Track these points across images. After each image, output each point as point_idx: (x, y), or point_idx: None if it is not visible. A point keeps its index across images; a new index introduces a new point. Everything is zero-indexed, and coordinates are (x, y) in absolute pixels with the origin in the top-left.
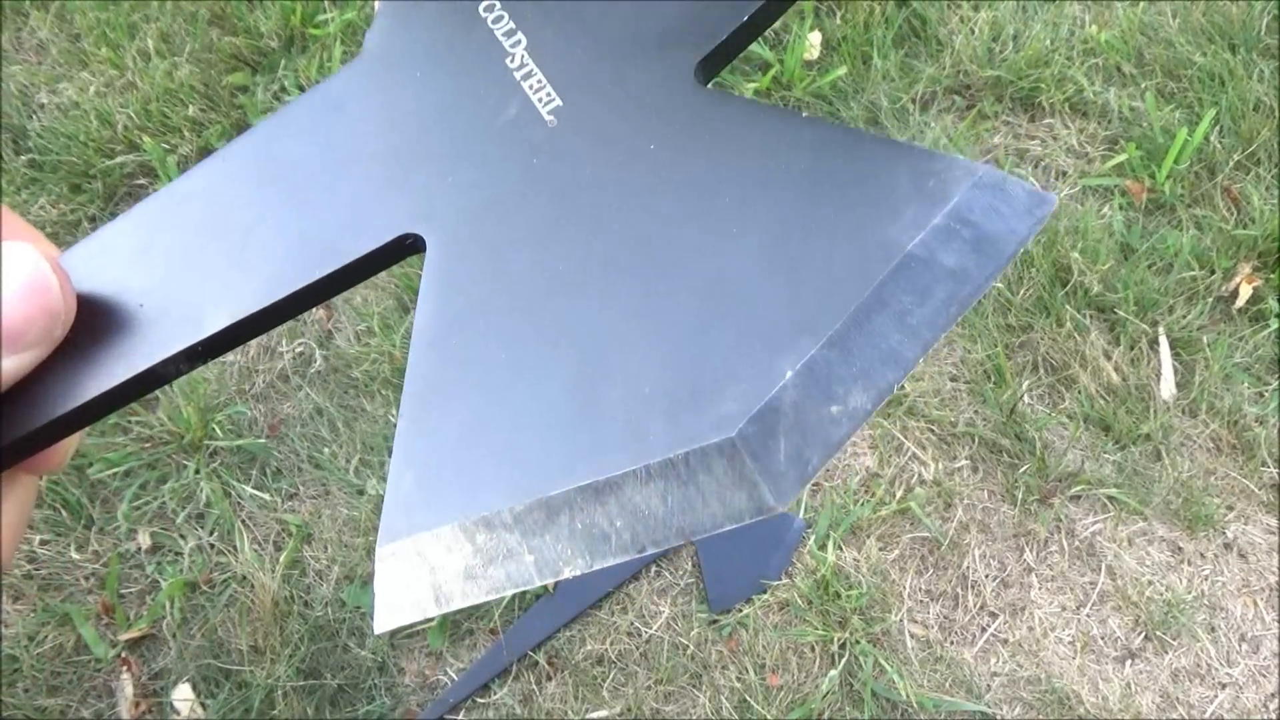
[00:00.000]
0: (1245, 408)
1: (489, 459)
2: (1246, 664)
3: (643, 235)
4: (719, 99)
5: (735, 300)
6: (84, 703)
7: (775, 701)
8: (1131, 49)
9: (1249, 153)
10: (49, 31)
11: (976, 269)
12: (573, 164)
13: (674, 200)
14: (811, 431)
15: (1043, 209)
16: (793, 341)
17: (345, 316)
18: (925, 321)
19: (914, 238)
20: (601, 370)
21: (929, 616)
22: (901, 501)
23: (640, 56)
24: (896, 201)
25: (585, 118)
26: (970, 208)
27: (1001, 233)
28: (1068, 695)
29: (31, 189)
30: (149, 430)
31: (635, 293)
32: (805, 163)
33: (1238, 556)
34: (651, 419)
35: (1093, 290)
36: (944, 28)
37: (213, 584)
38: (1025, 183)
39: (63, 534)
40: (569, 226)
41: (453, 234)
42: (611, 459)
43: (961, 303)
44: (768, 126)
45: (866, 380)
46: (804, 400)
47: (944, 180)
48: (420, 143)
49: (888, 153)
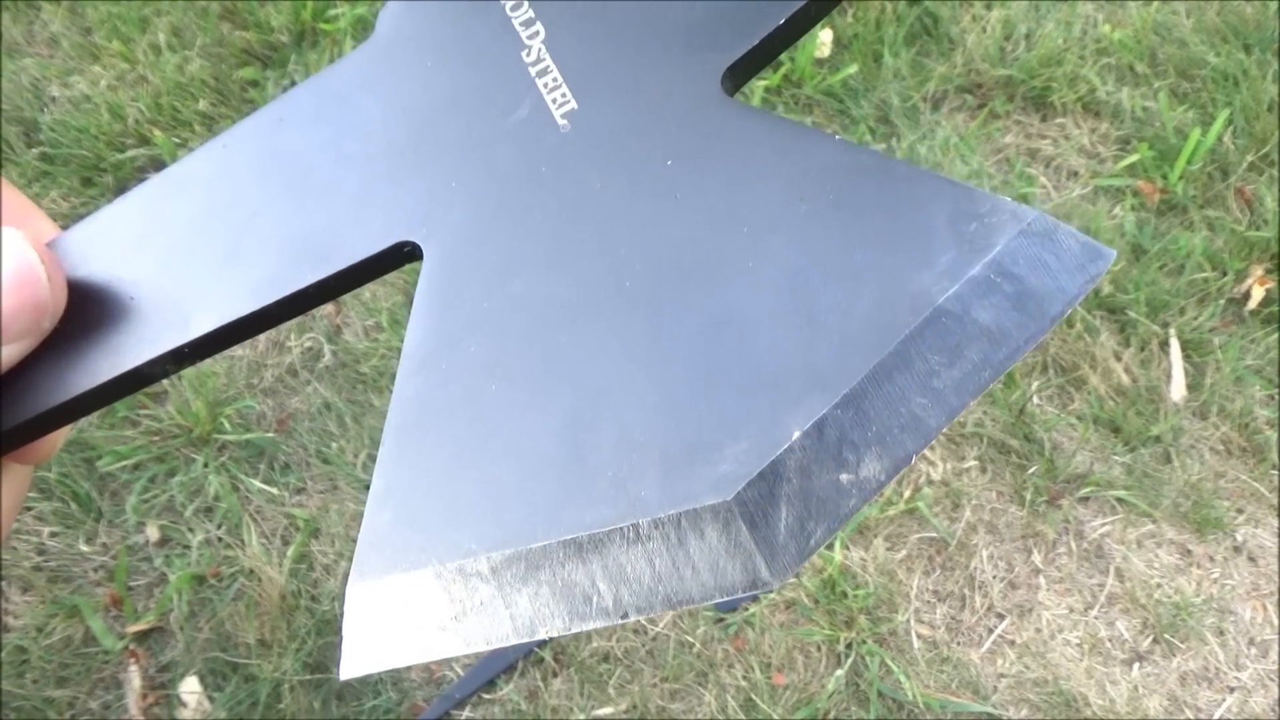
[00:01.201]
0: (1256, 410)
1: (470, 500)
2: (1255, 668)
3: (652, 260)
4: (745, 113)
5: (744, 343)
6: (92, 694)
7: (781, 701)
8: (1145, 49)
9: (1262, 153)
10: (61, 25)
11: (1016, 330)
12: (583, 176)
13: (688, 226)
14: (817, 501)
15: (1097, 265)
16: (803, 396)
17: (354, 312)
18: (953, 386)
19: (947, 290)
20: (596, 412)
21: (936, 617)
22: (909, 501)
23: (665, 57)
24: (931, 246)
25: (600, 124)
26: (1014, 259)
27: (1048, 290)
28: (1075, 697)
29: (43, 182)
30: (158, 424)
31: (639, 327)
32: (834, 193)
33: (1247, 560)
34: (644, 472)
35: (1103, 291)
36: (956, 26)
37: (220, 577)
38: (1079, 234)
39: (72, 526)
40: (574, 247)
41: (452, 245)
42: (598, 513)
43: (995, 367)
44: (796, 148)
45: (882, 447)
46: (811, 465)
47: (987, 225)
48: (426, 140)
49: (926, 188)
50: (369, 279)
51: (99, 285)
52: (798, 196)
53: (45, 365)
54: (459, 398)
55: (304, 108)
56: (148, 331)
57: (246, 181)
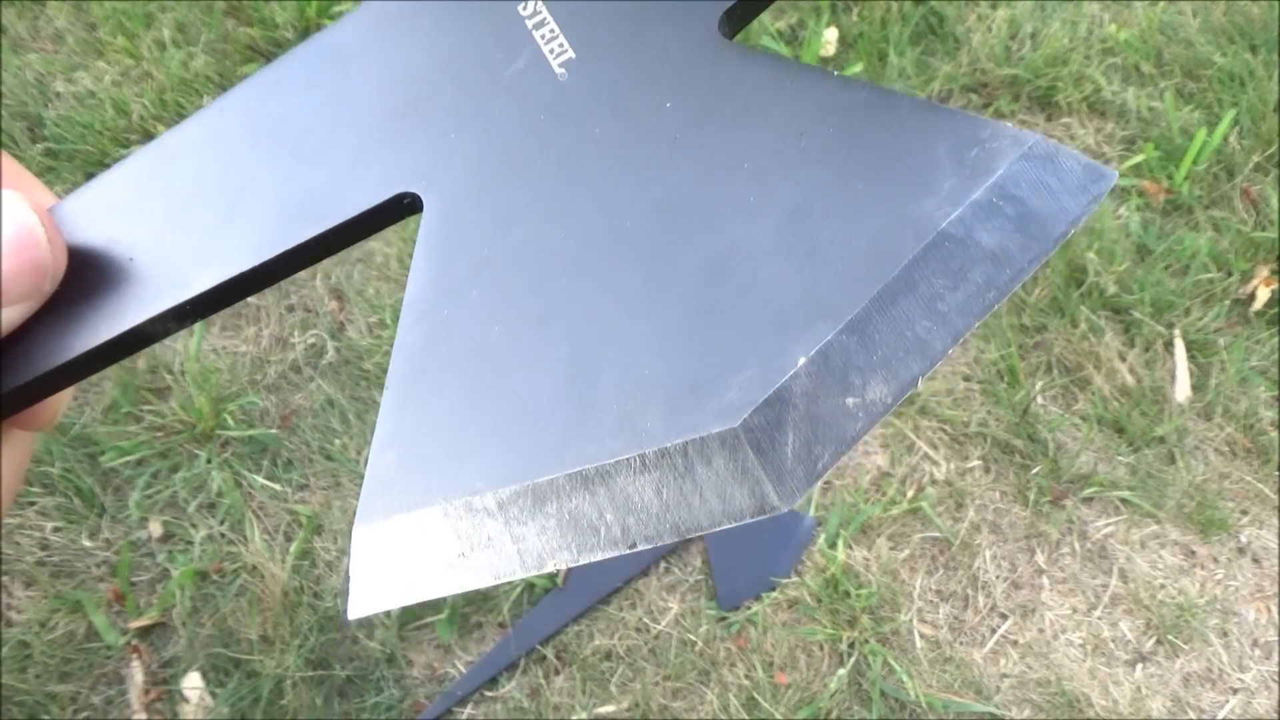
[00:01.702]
0: (1261, 411)
1: (475, 440)
2: (1258, 669)
3: (652, 203)
4: (743, 54)
5: (747, 277)
6: (94, 689)
7: (783, 700)
8: (1151, 48)
9: (1268, 154)
10: (65, 20)
11: (1020, 251)
12: (582, 123)
13: (688, 166)
14: (823, 425)
15: (1100, 185)
16: (807, 325)
17: (357, 308)
18: (957, 308)
19: (950, 214)
20: (599, 350)
21: (939, 617)
22: (913, 501)
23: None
24: (933, 172)
25: (598, 72)
26: (1016, 182)
27: (1050, 211)
28: (1078, 698)
29: (47, 177)
30: (161, 419)
31: (641, 266)
32: (835, 126)
33: (1251, 561)
34: (649, 404)
35: (1108, 291)
36: (961, 25)
37: (223, 573)
38: (1080, 155)
39: (75, 521)
40: (574, 193)
41: (451, 196)
42: (604, 445)
43: (1000, 289)
44: (795, 85)
45: (887, 371)
46: (817, 390)
47: (988, 150)
48: (423, 94)
49: (927, 117)
50: (370, 232)
51: (98, 248)
52: (797, 133)
53: (46, 327)
54: (461, 343)
55: (300, 70)
56: (148, 291)
57: (244, 144)
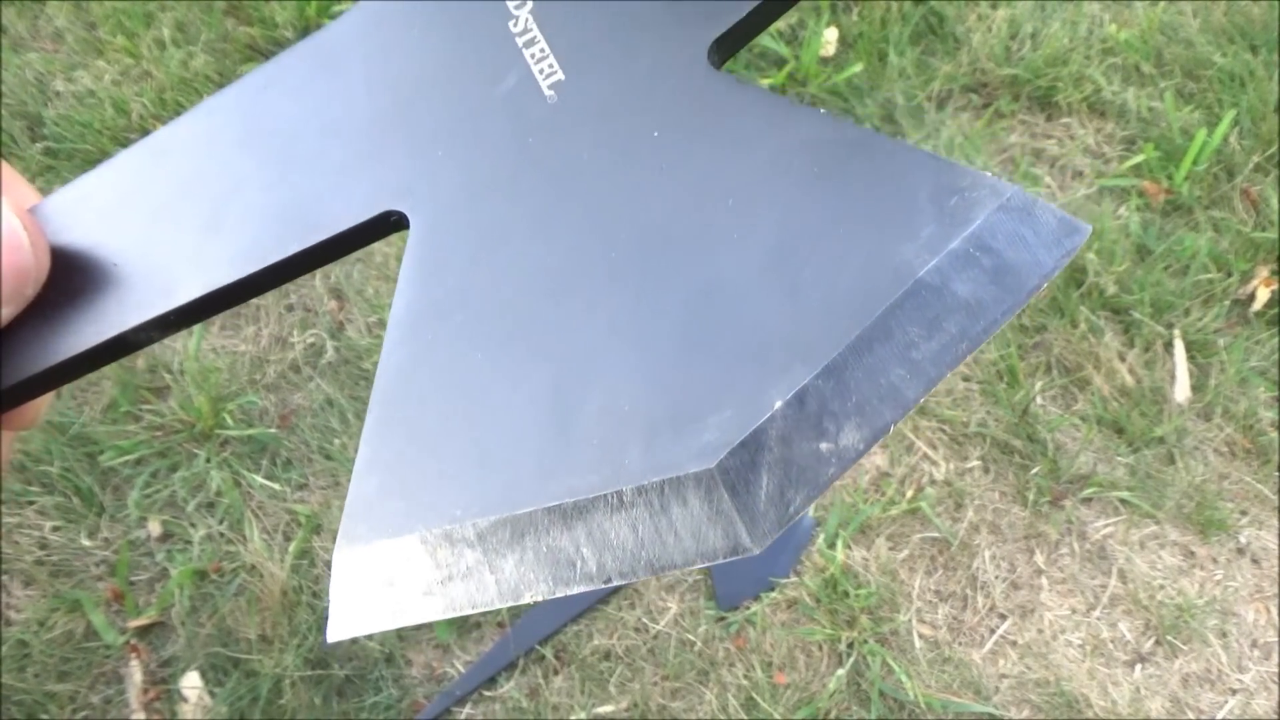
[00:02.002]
0: (1260, 412)
1: (457, 468)
2: (1257, 670)
3: (637, 233)
4: (732, 85)
5: (729, 314)
6: (93, 689)
7: (782, 700)
8: (1151, 49)
9: (1268, 154)
10: (65, 19)
11: (993, 303)
12: (570, 147)
13: (674, 197)
14: (798, 469)
15: (1073, 239)
16: (786, 367)
17: (357, 308)
18: (931, 357)
19: (928, 262)
20: (581, 381)
21: (938, 617)
22: (912, 501)
23: (652, 29)
24: (914, 219)
25: (588, 95)
26: (994, 233)
27: (1025, 264)
28: (1077, 698)
29: (47, 176)
30: (160, 419)
31: (624, 297)
32: (820, 166)
33: (1250, 562)
34: (629, 440)
35: (1108, 291)
36: (961, 25)
37: (222, 573)
38: (1056, 209)
39: (74, 521)
40: (560, 218)
41: (437, 216)
42: (583, 480)
43: (973, 340)
44: (783, 121)
45: (862, 417)
46: (792, 434)
47: (968, 199)
48: (411, 110)
49: (909, 162)
50: (356, 248)
51: (83, 251)
52: (783, 169)
53: (29, 331)
54: (444, 367)
55: (289, 75)
56: (132, 298)
57: (230, 148)
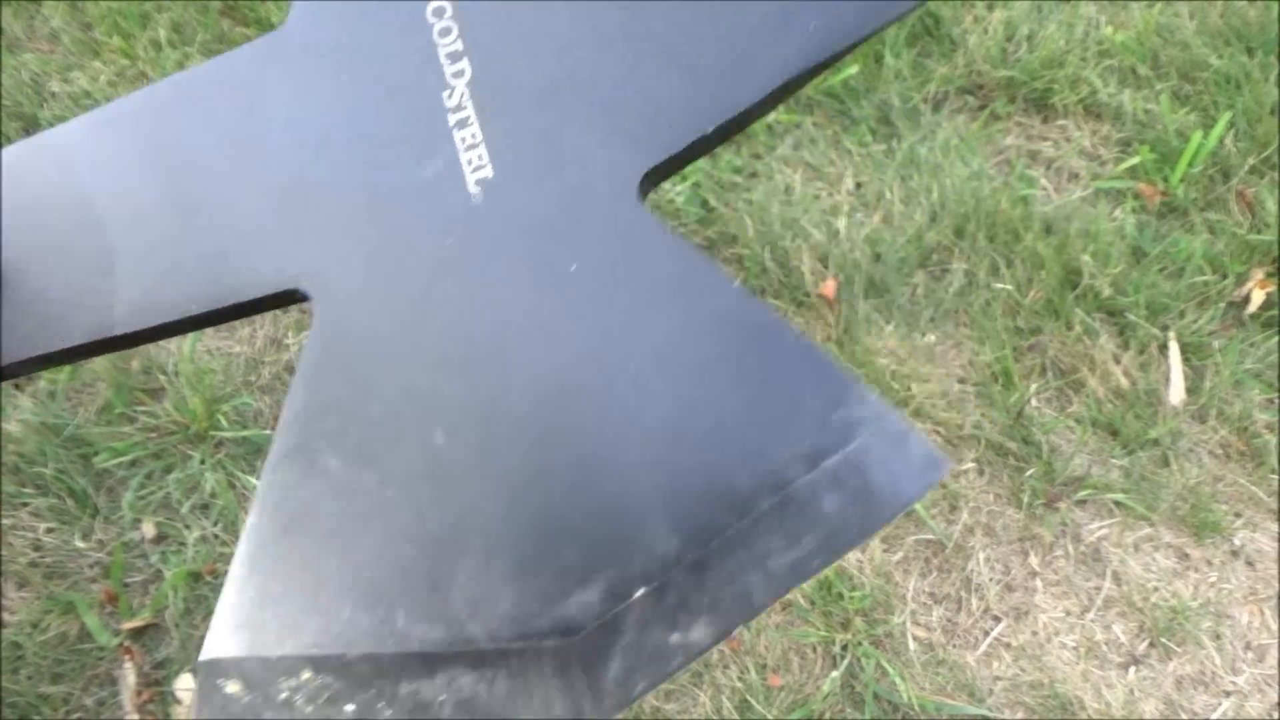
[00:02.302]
0: (1255, 414)
1: (332, 595)
2: (1251, 672)
3: (539, 380)
4: (656, 234)
5: (610, 489)
6: (86, 691)
7: (776, 702)
8: (1147, 51)
9: (1264, 157)
10: (61, 20)
11: (853, 525)
12: (486, 264)
13: (581, 348)
14: (647, 656)
15: (934, 475)
16: (653, 554)
17: None
18: (785, 569)
19: (802, 475)
20: (462, 535)
21: (932, 619)
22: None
23: (589, 141)
24: (800, 426)
25: (512, 204)
26: (867, 455)
27: (888, 492)
28: (1070, 701)
29: None
30: (155, 420)
31: (515, 448)
32: (723, 348)
33: (1244, 564)
34: (499, 601)
35: (1103, 293)
36: (957, 27)
37: (216, 574)
38: (926, 441)
39: (68, 522)
40: (465, 346)
41: (343, 309)
42: (450, 632)
43: (826, 557)
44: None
45: (713, 615)
46: (649, 622)
47: (850, 418)
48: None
49: (806, 365)
50: (255, 313)
51: None
52: (689, 343)
53: None
54: (333, 489)
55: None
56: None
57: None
